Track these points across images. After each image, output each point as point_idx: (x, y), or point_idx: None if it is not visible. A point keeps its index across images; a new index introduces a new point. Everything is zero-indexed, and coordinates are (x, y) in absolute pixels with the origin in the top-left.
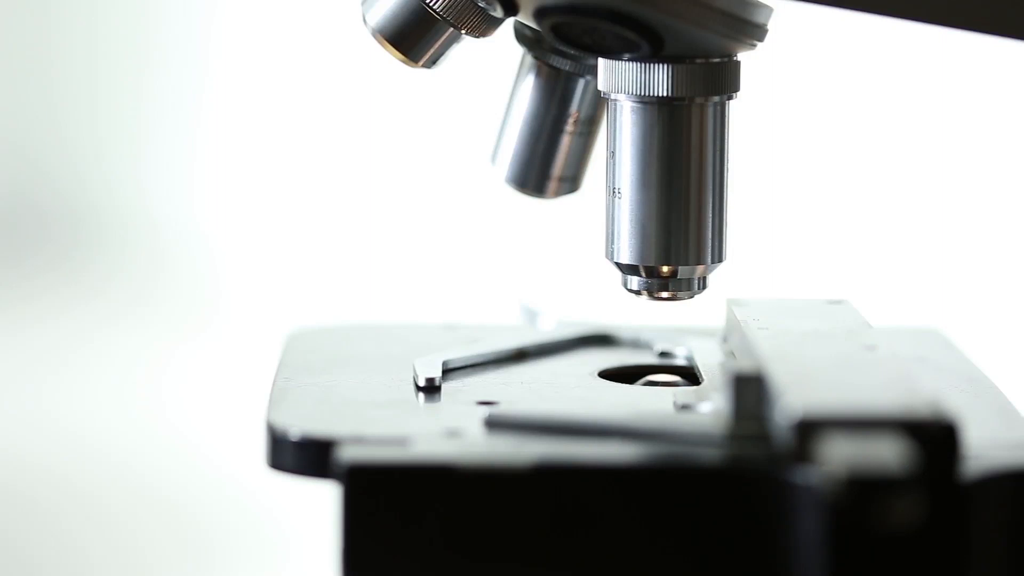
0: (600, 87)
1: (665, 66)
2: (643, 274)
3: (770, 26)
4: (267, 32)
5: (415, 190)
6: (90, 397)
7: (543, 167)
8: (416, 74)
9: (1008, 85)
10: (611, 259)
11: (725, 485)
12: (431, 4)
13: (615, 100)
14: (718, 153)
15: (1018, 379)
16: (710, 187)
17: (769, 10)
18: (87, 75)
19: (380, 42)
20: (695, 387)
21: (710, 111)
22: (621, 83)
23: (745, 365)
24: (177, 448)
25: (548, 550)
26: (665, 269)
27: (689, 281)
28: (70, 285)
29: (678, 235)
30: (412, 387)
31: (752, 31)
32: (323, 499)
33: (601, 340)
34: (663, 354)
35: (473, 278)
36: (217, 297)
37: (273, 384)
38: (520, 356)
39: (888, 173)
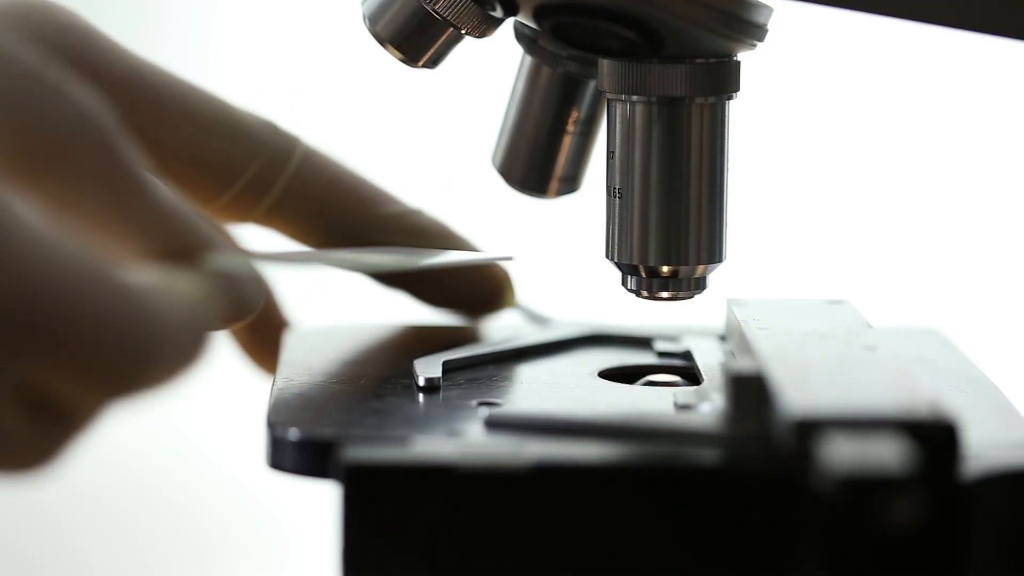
0: (600, 87)
1: (665, 66)
2: (643, 274)
3: (770, 26)
4: (267, 32)
5: (415, 190)
6: None
7: (543, 167)
8: (416, 74)
9: (1008, 85)
10: (611, 259)
11: (725, 485)
12: (431, 4)
13: (615, 100)
14: (718, 153)
15: (1018, 379)
16: (710, 187)
17: (769, 10)
18: None
19: (381, 42)
20: (695, 387)
21: (710, 111)
22: (621, 83)
23: (745, 365)
24: (177, 448)
25: (548, 550)
26: (665, 269)
27: (689, 281)
28: None
29: (678, 235)
30: (412, 387)
31: (752, 31)
32: (323, 499)
33: (601, 340)
34: (663, 354)
35: None
36: None
37: (273, 384)
38: (520, 355)
39: (888, 173)
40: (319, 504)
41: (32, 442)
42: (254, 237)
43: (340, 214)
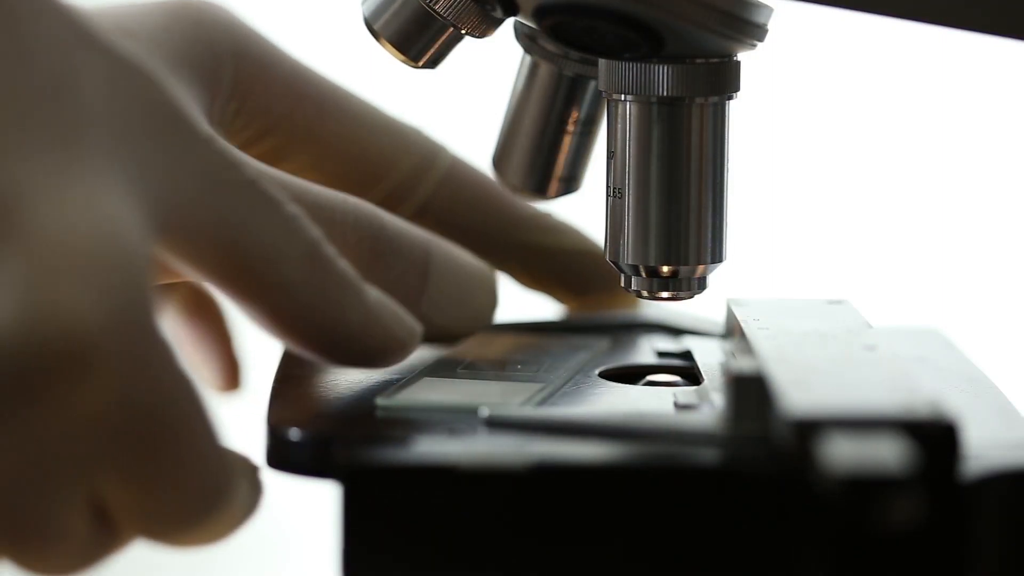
0: (600, 87)
1: (665, 66)
2: (643, 274)
3: (770, 26)
4: (267, 32)
5: None
6: None
7: (543, 167)
8: (416, 74)
9: (1008, 85)
10: (611, 259)
11: (725, 485)
12: (431, 4)
13: (615, 100)
14: (718, 153)
15: (1018, 379)
16: (710, 187)
17: (769, 10)
18: None
19: (381, 43)
20: (695, 387)
21: (710, 111)
22: (621, 83)
23: (745, 365)
24: None
25: (548, 550)
26: (665, 269)
27: (689, 281)
28: None
29: (678, 235)
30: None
31: (752, 31)
32: (323, 499)
33: (655, 328)
34: (663, 354)
35: None
36: (217, 296)
37: (273, 384)
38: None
39: (888, 173)
40: (319, 504)
41: (83, 547)
42: None
43: (482, 216)
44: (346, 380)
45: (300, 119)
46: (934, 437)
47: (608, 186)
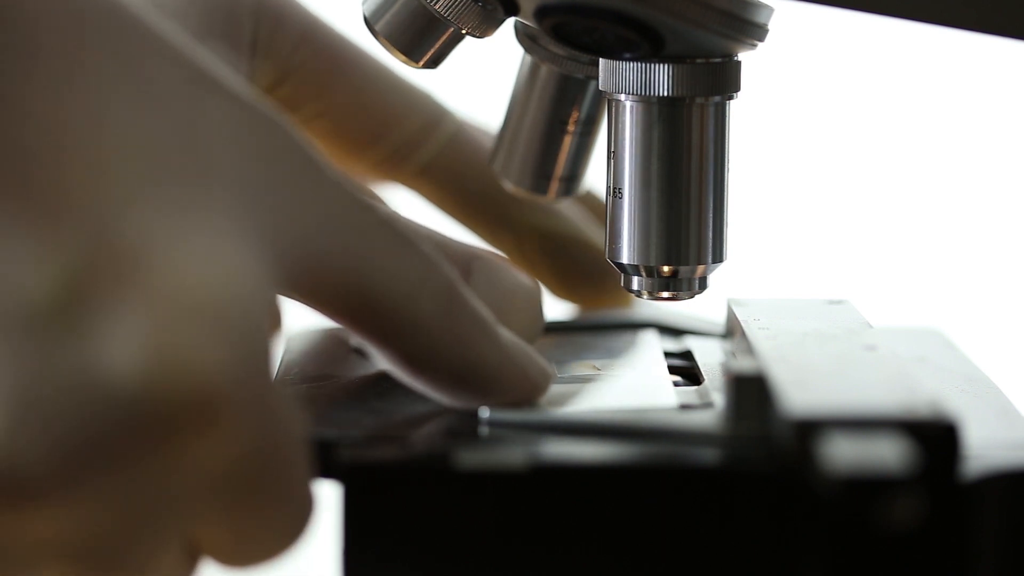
0: (601, 87)
1: (666, 66)
2: (644, 274)
3: (770, 26)
4: None
5: None
6: None
7: (543, 167)
8: (417, 74)
9: (1008, 85)
10: (612, 259)
11: (725, 485)
12: (432, 4)
13: (616, 100)
14: (718, 153)
15: (1018, 379)
16: (710, 187)
17: (769, 10)
18: None
19: (382, 43)
20: (695, 387)
21: (710, 111)
22: (622, 83)
23: (745, 365)
24: None
25: (548, 550)
26: (666, 269)
27: (689, 281)
28: None
29: (678, 235)
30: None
31: (752, 31)
32: (323, 499)
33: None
34: (663, 354)
35: None
36: None
37: None
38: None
39: (888, 173)
40: (319, 504)
41: None
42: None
43: (483, 183)
44: (346, 380)
45: (313, 71)
46: (934, 437)
47: (608, 186)
